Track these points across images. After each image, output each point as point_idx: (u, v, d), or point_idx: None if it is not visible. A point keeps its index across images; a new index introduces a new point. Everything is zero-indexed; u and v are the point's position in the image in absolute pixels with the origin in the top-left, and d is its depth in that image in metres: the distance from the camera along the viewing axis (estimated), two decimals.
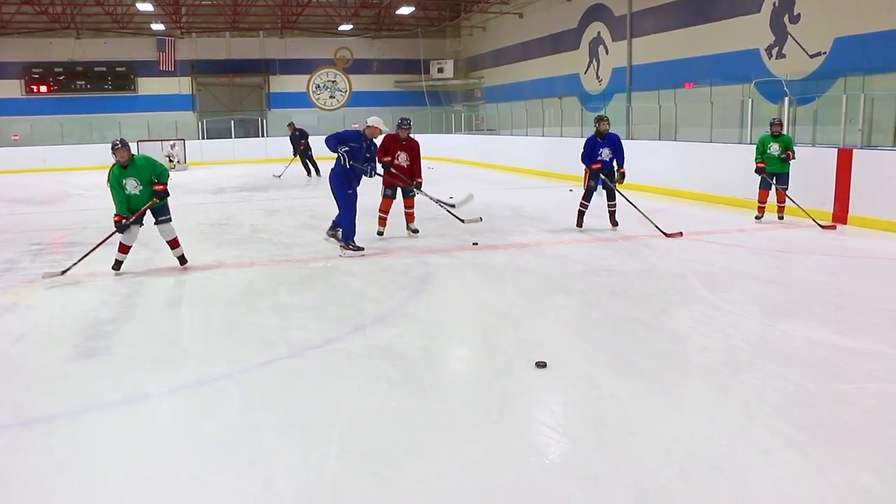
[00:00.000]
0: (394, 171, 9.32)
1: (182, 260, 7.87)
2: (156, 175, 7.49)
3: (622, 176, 9.64)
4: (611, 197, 9.80)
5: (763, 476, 3.19)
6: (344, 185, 8.44)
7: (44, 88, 29.24)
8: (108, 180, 7.48)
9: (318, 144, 25.15)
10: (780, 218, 10.31)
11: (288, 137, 20.48)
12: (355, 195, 8.51)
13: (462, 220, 9.77)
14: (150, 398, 4.33)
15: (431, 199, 9.67)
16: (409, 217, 9.72)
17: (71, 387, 4.47)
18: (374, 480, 3.22)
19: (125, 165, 7.34)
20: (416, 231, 9.62)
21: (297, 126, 20.13)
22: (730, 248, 8.54)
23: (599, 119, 9.65)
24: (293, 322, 5.79)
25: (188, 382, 4.54)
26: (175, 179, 9.55)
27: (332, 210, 8.81)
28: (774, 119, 10.32)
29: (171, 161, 23.69)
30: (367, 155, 8.59)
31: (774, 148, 10.03)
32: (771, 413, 3.82)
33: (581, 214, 9.82)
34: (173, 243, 7.79)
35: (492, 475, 3.25)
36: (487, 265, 7.83)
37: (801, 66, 14.01)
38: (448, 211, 9.82)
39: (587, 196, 9.76)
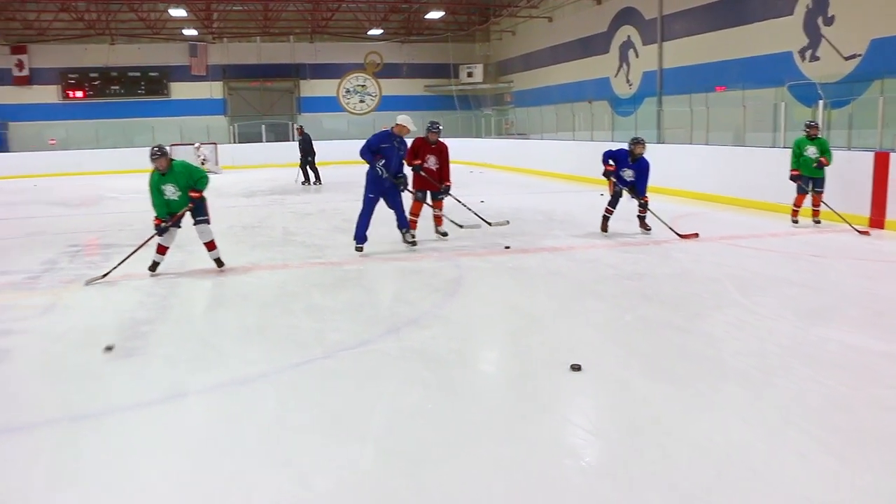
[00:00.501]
0: (423, 174, 9.36)
1: (219, 262, 7.95)
2: (193, 181, 7.59)
3: (644, 205, 9.57)
4: (641, 204, 9.68)
5: (799, 480, 3.18)
6: (367, 189, 8.63)
7: (79, 94, 29.84)
8: (149, 185, 7.61)
9: (335, 150, 25.48)
10: (816, 222, 10.20)
11: (297, 142, 20.17)
12: (376, 200, 8.64)
13: (489, 223, 9.81)
14: (187, 397, 4.41)
15: (460, 202, 9.69)
16: (438, 220, 9.76)
17: (111, 385, 4.56)
18: (409, 480, 3.26)
19: (164, 172, 7.50)
20: (444, 234, 9.65)
21: (304, 130, 19.83)
22: (763, 252, 8.48)
23: (636, 142, 9.46)
24: (327, 324, 5.85)
25: (224, 382, 4.61)
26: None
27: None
28: (811, 121, 10.20)
29: (203, 163, 23.95)
30: (400, 153, 8.73)
31: (811, 151, 9.93)
32: (806, 417, 3.81)
33: (605, 220, 9.79)
34: (210, 245, 7.88)
35: (527, 476, 3.27)
36: (519, 268, 7.85)
37: (836, 68, 13.86)
38: (475, 214, 9.86)
39: (613, 202, 9.71)
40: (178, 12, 25.27)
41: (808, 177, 10.00)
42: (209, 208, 7.88)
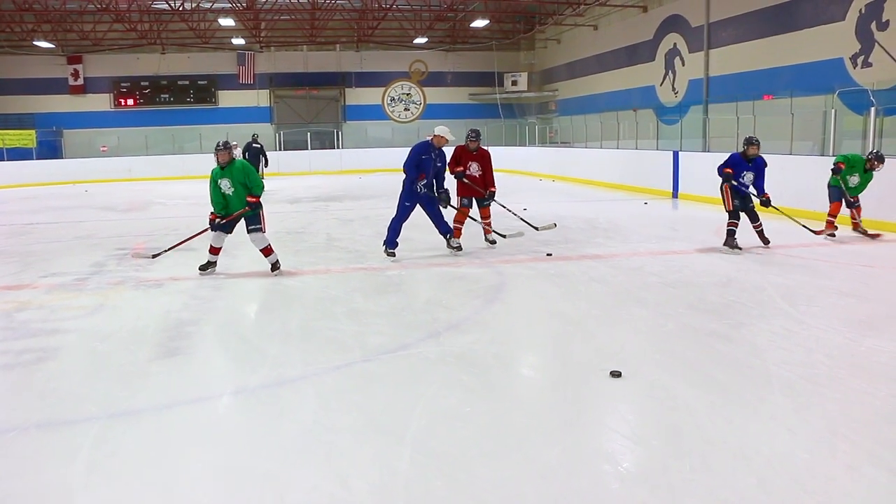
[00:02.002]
0: (466, 181, 9.36)
1: (274, 267, 8.02)
2: (250, 184, 7.77)
3: (766, 202, 9.11)
4: (754, 219, 9.23)
5: (848, 492, 3.10)
6: (404, 197, 8.74)
7: (130, 102, 30.53)
8: (210, 178, 7.85)
9: (380, 157, 25.53)
10: (863, 232, 9.87)
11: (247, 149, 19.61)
12: (412, 208, 8.75)
13: (536, 228, 9.76)
14: (229, 396, 4.47)
15: (506, 208, 9.67)
16: (487, 229, 9.68)
17: (155, 383, 4.64)
18: (447, 482, 3.25)
19: (223, 167, 7.72)
20: (493, 242, 9.60)
21: (258, 139, 19.43)
22: (811, 261, 8.30)
23: (749, 142, 9.09)
24: (368, 327, 5.87)
25: (265, 383, 4.65)
26: None
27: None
28: (879, 152, 9.74)
29: None
30: (439, 164, 8.77)
31: (854, 180, 9.67)
32: (855, 429, 3.71)
33: (731, 234, 9.09)
34: (265, 251, 7.99)
35: (566, 481, 3.24)
36: (561, 275, 7.80)
37: (889, 74, 13.54)
38: (521, 219, 9.83)
39: (733, 215, 9.13)
40: (227, 22, 25.70)
41: (843, 189, 9.76)
42: (264, 217, 8.01)
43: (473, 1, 25.17)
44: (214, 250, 8.01)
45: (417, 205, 8.78)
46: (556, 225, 9.96)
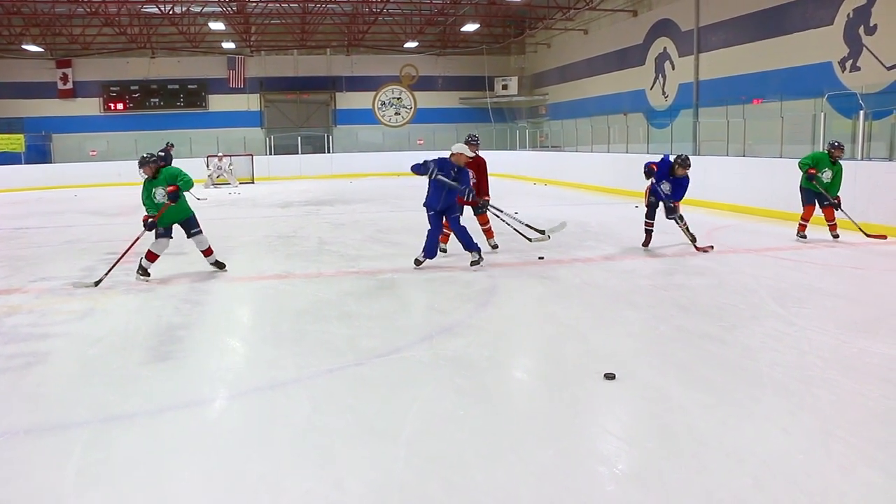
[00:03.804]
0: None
1: (218, 265, 8.44)
2: (177, 181, 7.98)
3: (673, 209, 9.16)
4: (669, 212, 9.23)
5: (843, 492, 3.10)
6: (427, 207, 8.43)
7: (120, 106, 30.39)
8: (142, 188, 8.18)
9: (370, 162, 25.40)
10: (835, 236, 9.83)
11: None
12: (438, 216, 8.40)
13: (530, 239, 9.31)
14: (221, 400, 4.45)
15: (499, 216, 9.54)
16: (488, 233, 9.58)
17: (146, 388, 4.60)
18: (442, 485, 3.23)
19: (153, 178, 8.10)
20: (495, 247, 9.50)
21: (171, 148, 19.19)
22: (802, 264, 8.33)
23: (682, 164, 9.10)
24: (360, 331, 5.85)
25: (258, 386, 4.63)
26: (244, 194, 9.69)
27: (397, 224, 8.85)
28: (837, 143, 9.76)
29: (217, 176, 24.29)
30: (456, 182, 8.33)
31: (828, 175, 9.64)
32: (849, 430, 3.71)
33: (648, 234, 9.45)
34: (206, 252, 8.39)
35: (561, 483, 3.23)
36: (553, 279, 7.80)
37: (878, 78, 13.62)
38: (516, 230, 9.64)
39: (649, 213, 9.42)
40: (217, 26, 25.64)
41: (818, 192, 9.73)
42: (199, 220, 8.41)
43: (464, 5, 25.20)
44: (153, 257, 8.09)
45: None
46: (566, 224, 9.58)
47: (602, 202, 16.66)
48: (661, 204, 9.39)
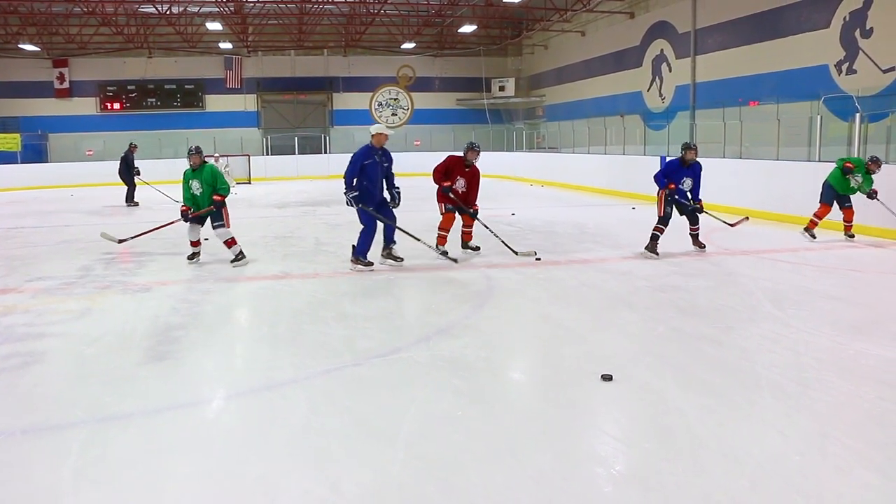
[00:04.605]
0: (451, 195, 9.14)
1: (240, 255, 8.88)
2: (217, 186, 8.78)
3: (699, 210, 9.23)
4: (693, 221, 9.32)
5: (839, 494, 3.11)
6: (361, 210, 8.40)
7: (117, 106, 30.36)
8: (182, 178, 8.93)
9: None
10: (850, 236, 9.98)
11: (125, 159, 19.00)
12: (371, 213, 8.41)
13: (516, 252, 9.11)
14: (218, 401, 4.45)
15: (488, 228, 9.41)
16: (466, 236, 9.49)
17: (143, 388, 4.59)
18: (440, 486, 3.23)
19: (195, 169, 8.78)
20: (476, 248, 9.47)
21: (135, 149, 18.79)
22: (799, 266, 8.35)
23: (687, 147, 9.12)
24: (358, 331, 5.85)
25: (255, 387, 4.62)
26: (240, 194, 9.78)
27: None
28: (876, 158, 9.83)
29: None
30: (385, 165, 8.44)
31: (857, 180, 9.68)
32: (845, 431, 3.72)
33: (655, 239, 9.09)
34: (229, 243, 8.89)
35: (559, 484, 3.23)
36: (550, 280, 7.81)
37: (874, 81, 13.66)
38: (503, 242, 9.39)
39: (664, 221, 9.12)
40: (214, 26, 25.62)
41: (841, 194, 9.84)
42: (228, 214, 8.96)
43: (461, 6, 25.21)
44: (194, 243, 9.02)
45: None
46: (539, 258, 8.96)
47: (599, 204, 16.68)
48: (679, 210, 9.27)
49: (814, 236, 9.98)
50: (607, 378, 4.48)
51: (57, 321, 6.34)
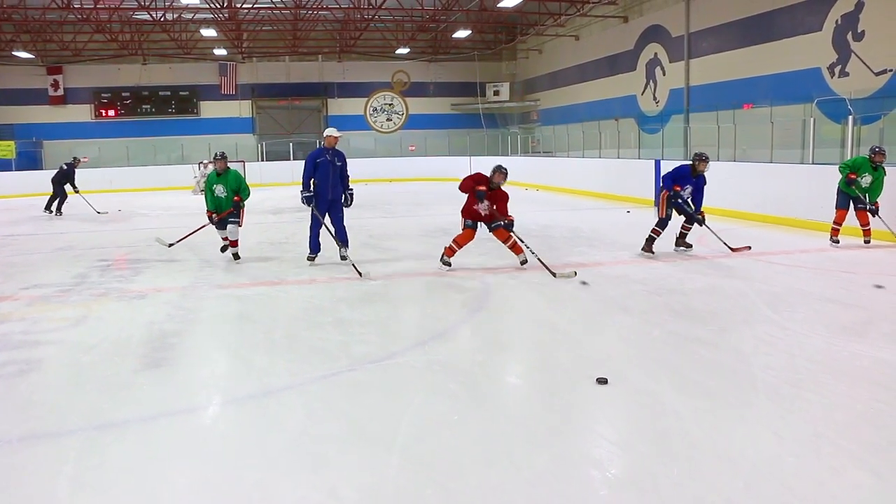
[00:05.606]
0: (475, 208, 8.56)
1: (236, 256, 9.47)
2: (240, 190, 9.38)
3: (701, 220, 9.25)
4: (689, 221, 9.39)
5: (834, 495, 3.13)
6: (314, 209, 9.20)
7: (111, 113, 30.37)
8: (206, 181, 9.57)
9: (363, 168, 25.30)
10: (867, 241, 9.76)
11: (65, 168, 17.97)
12: (323, 215, 9.22)
13: (554, 274, 8.20)
14: (215, 407, 4.45)
15: (524, 243, 8.72)
16: (516, 249, 8.71)
17: (139, 395, 4.60)
18: (437, 490, 3.24)
19: (220, 173, 9.35)
20: (524, 262, 8.66)
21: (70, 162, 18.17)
22: (793, 268, 8.39)
23: (700, 158, 9.16)
24: (354, 337, 5.85)
25: (252, 393, 4.63)
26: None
27: (390, 230, 8.87)
28: (878, 148, 9.62)
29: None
30: (339, 163, 9.14)
31: (867, 179, 9.57)
32: (839, 432, 3.74)
33: (652, 240, 9.21)
34: (233, 243, 9.49)
35: (554, 487, 3.24)
36: (545, 284, 7.82)
37: (866, 83, 13.72)
38: (540, 261, 8.52)
39: (662, 224, 9.19)
40: (209, 33, 25.63)
41: (854, 196, 9.69)
42: (244, 217, 9.55)
43: (455, 12, 25.26)
44: (225, 239, 9.66)
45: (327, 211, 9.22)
46: (584, 282, 7.88)
47: (594, 207, 16.72)
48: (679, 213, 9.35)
49: (837, 242, 9.85)
50: (602, 381, 4.50)
51: (53, 329, 6.34)
